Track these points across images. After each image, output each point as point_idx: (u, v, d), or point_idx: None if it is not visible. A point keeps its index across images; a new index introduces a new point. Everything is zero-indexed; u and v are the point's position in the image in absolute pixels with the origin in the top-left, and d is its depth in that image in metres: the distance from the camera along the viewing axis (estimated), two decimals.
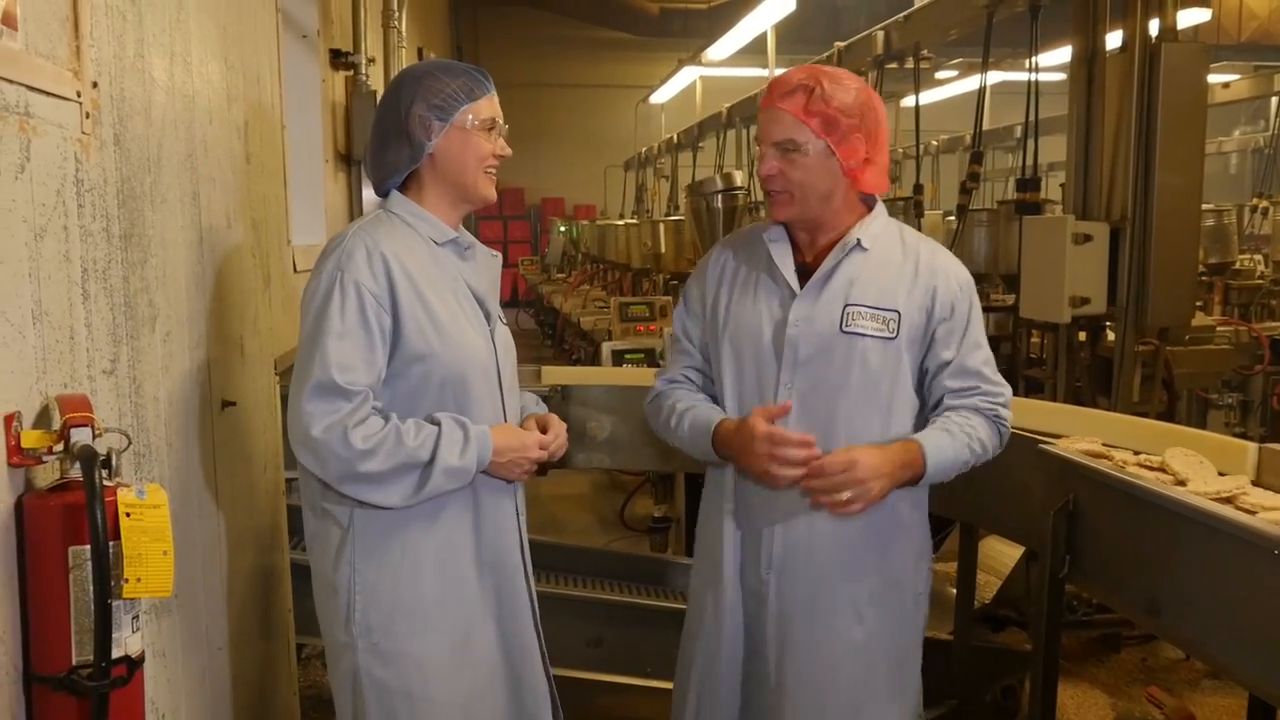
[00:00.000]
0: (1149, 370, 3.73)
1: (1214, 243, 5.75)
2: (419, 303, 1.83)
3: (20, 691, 1.33)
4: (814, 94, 1.92)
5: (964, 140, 12.44)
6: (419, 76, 1.91)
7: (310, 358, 1.76)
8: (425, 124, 1.87)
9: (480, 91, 1.92)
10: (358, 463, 1.73)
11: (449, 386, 1.86)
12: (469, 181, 1.93)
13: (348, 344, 1.76)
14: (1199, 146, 3.63)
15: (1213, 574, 1.90)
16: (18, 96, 1.33)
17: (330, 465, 1.75)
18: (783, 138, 1.95)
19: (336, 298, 1.77)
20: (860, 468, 1.85)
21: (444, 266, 1.92)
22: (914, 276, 2.00)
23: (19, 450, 1.30)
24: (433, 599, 1.88)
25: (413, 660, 1.86)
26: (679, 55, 12.15)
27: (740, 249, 2.13)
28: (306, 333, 1.80)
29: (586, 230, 11.51)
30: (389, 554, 1.85)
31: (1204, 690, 3.64)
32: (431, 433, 1.79)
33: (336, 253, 1.82)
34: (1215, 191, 11.99)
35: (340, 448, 1.72)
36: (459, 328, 1.88)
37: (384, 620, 1.85)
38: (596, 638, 3.30)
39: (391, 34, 4.93)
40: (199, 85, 2.10)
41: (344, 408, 1.74)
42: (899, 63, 5.73)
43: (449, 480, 1.81)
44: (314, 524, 1.91)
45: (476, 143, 1.91)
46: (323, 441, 1.73)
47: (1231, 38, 10.38)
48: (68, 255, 1.46)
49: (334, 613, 1.87)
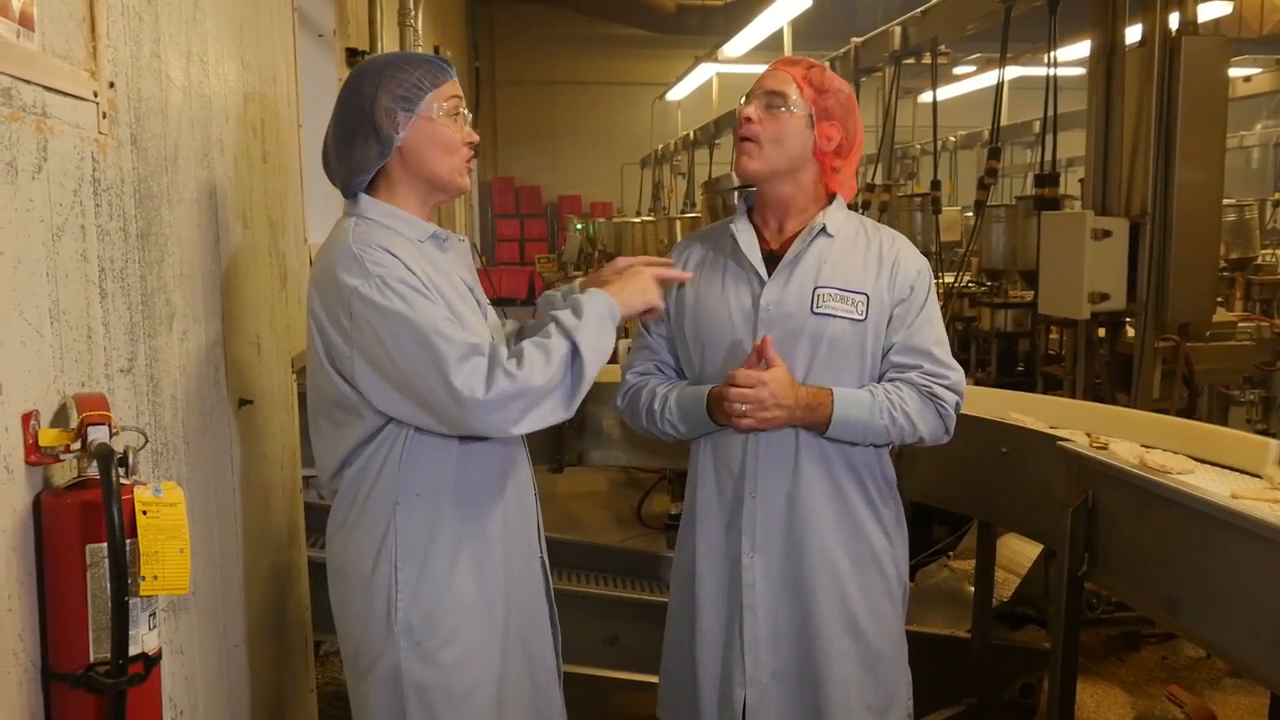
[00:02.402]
0: (1169, 366, 3.71)
1: (1235, 238, 5.70)
2: (444, 302, 1.78)
3: (39, 689, 1.33)
4: (813, 69, 2.03)
5: (982, 136, 12.36)
6: (380, 68, 1.84)
7: (425, 342, 1.66)
8: (392, 116, 1.80)
9: (443, 77, 1.85)
10: (529, 383, 1.67)
11: None
12: (441, 172, 1.86)
13: (439, 310, 1.70)
14: (1220, 141, 3.60)
15: (1233, 572, 1.89)
16: (35, 97, 1.34)
17: (513, 409, 1.67)
18: (775, 88, 2.01)
19: (392, 298, 1.69)
20: (765, 390, 1.91)
21: (435, 263, 1.86)
22: (878, 261, 2.04)
23: (37, 448, 1.31)
24: (471, 597, 1.85)
25: (454, 659, 1.84)
26: (695, 52, 12.12)
27: (705, 241, 2.18)
28: (388, 348, 1.69)
29: (603, 228, 11.50)
30: (431, 553, 1.82)
31: (1225, 689, 3.61)
32: (553, 325, 1.74)
33: (357, 267, 1.72)
34: (1236, 186, 11.89)
35: (509, 387, 1.65)
36: (476, 323, 1.86)
37: (426, 620, 1.81)
38: (613, 635, 3.30)
39: (408, 32, 4.93)
40: (215, 85, 2.10)
41: (481, 361, 1.67)
42: (916, 58, 5.72)
43: (599, 341, 1.74)
44: (347, 522, 1.85)
45: (445, 132, 1.84)
46: (495, 397, 1.66)
47: (1253, 31, 10.28)
48: (85, 254, 1.47)
49: (369, 613, 1.82)
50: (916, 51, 5.63)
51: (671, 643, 2.21)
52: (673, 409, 2.07)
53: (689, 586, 2.12)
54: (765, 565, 2.03)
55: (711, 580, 2.08)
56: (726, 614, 2.07)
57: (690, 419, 2.06)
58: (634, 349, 2.23)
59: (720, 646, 2.08)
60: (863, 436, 1.97)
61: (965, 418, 2.66)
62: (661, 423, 2.09)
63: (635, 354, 2.22)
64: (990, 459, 2.60)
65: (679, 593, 2.19)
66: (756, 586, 2.03)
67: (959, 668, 3.16)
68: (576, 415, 2.03)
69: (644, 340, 2.19)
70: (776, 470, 2.02)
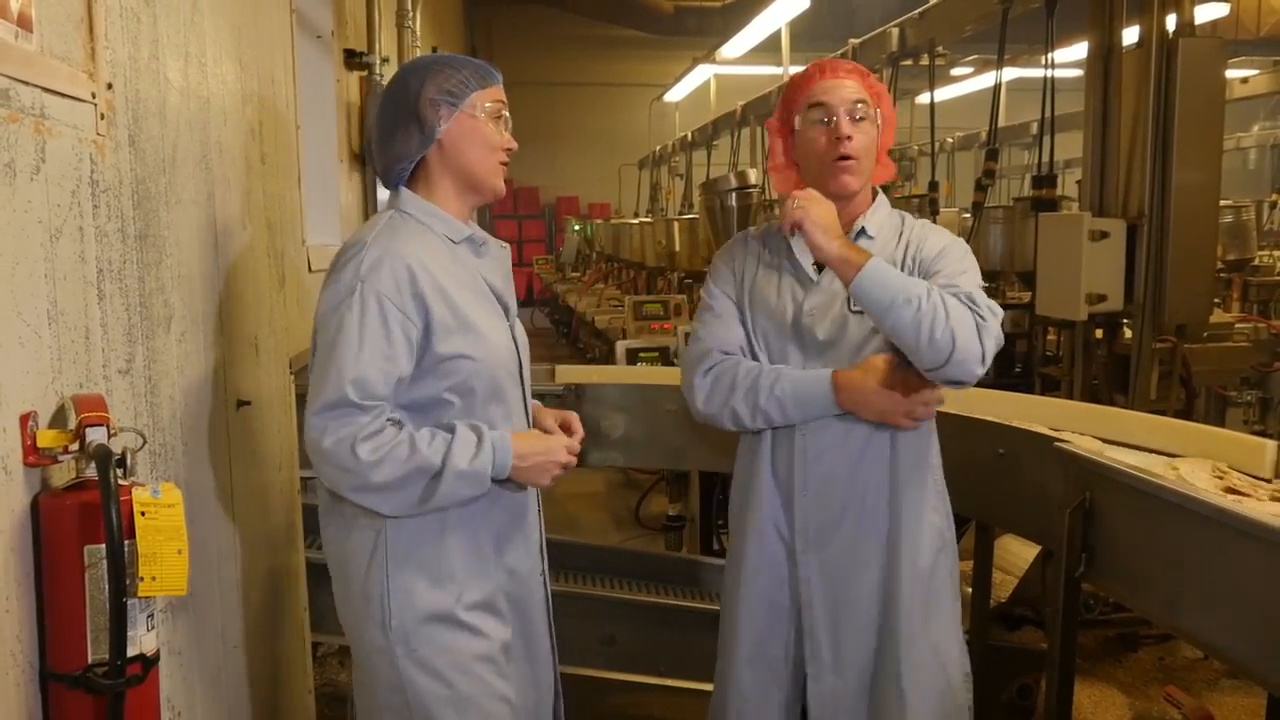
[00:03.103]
0: (1167, 368, 3.71)
1: (1232, 239, 5.71)
2: (447, 307, 1.79)
3: (37, 690, 1.34)
4: (869, 76, 2.09)
5: (979, 137, 12.39)
6: (428, 65, 1.88)
7: (325, 371, 1.73)
8: (435, 108, 1.83)
9: (490, 80, 1.88)
10: (368, 474, 1.70)
11: (481, 389, 1.84)
12: (479, 170, 1.88)
13: (365, 356, 1.72)
14: (1217, 142, 3.61)
15: (1231, 573, 1.89)
16: (33, 98, 1.34)
17: (340, 477, 1.73)
18: (858, 98, 2.02)
19: (355, 309, 1.73)
20: (812, 200, 1.94)
21: (464, 265, 1.88)
22: (905, 254, 2.06)
23: (35, 450, 1.31)
24: (466, 602, 1.85)
25: (450, 664, 1.83)
26: (693, 53, 12.13)
27: (764, 237, 2.20)
28: (323, 343, 1.76)
29: (601, 229, 11.52)
30: (423, 560, 1.82)
31: (1223, 690, 3.62)
32: (445, 439, 1.76)
33: (354, 262, 1.76)
34: (1234, 187, 11.89)
35: (349, 460, 1.70)
36: (488, 329, 1.86)
37: (419, 626, 1.81)
38: (610, 636, 3.30)
39: (406, 34, 4.94)
40: (213, 86, 2.10)
41: (358, 421, 1.71)
42: (914, 59, 5.72)
43: (461, 485, 1.76)
44: (340, 529, 1.87)
45: (487, 130, 1.87)
46: (333, 453, 1.70)
47: (1250, 32, 10.29)
48: (83, 256, 1.47)
49: (366, 619, 1.83)
50: (914, 53, 5.63)
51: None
52: (785, 386, 2.02)
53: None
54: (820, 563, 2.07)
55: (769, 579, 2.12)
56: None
57: (803, 399, 2.01)
58: (705, 318, 2.14)
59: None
60: (885, 292, 1.88)
61: (962, 419, 2.67)
62: (765, 399, 2.02)
63: (709, 325, 2.13)
64: (987, 460, 2.60)
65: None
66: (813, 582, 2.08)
67: None
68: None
69: (721, 306, 2.13)
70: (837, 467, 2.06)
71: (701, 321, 2.16)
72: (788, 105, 2.11)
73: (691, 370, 2.13)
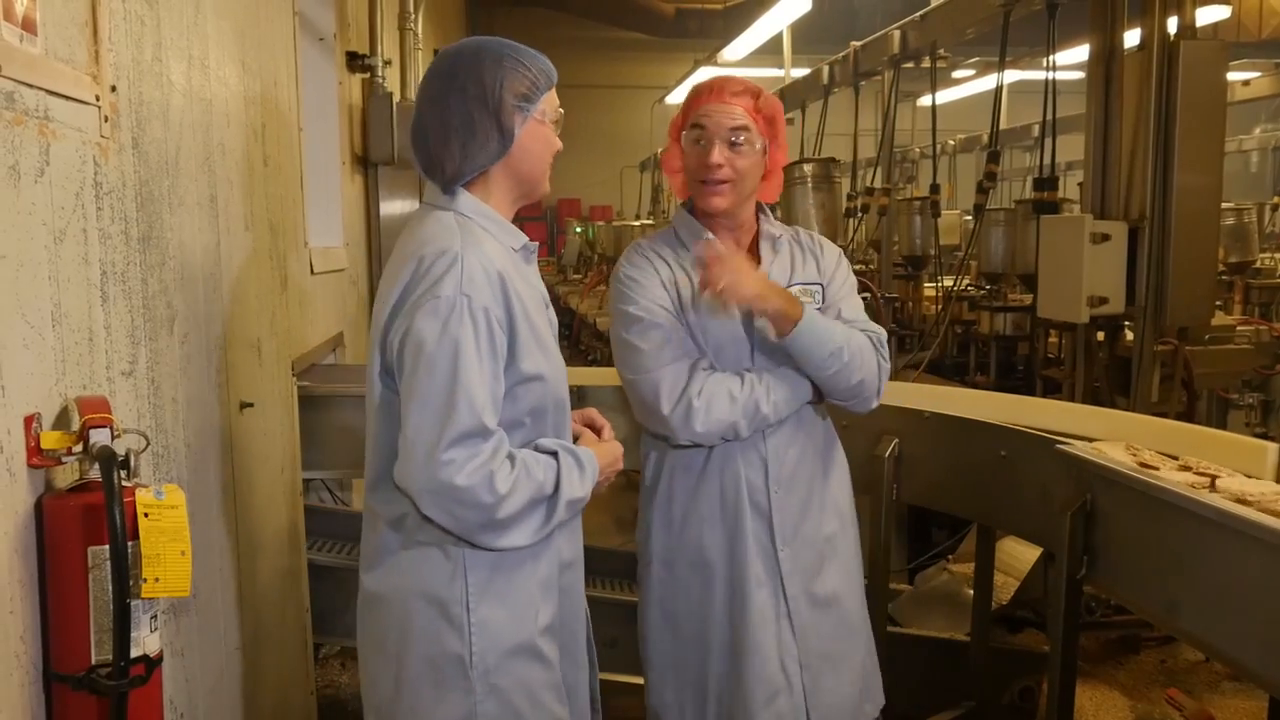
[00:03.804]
0: (1168, 370, 3.71)
1: (1234, 241, 5.72)
2: (527, 322, 1.67)
3: (40, 690, 1.34)
4: (760, 98, 2.10)
5: (981, 140, 12.38)
6: (501, 56, 1.70)
7: (451, 397, 1.54)
8: (516, 113, 1.68)
9: (553, 80, 1.76)
10: (500, 508, 1.57)
11: (553, 406, 1.75)
12: (539, 175, 1.76)
13: (487, 379, 1.58)
14: (1218, 145, 3.61)
15: (1233, 575, 1.89)
16: (37, 101, 1.35)
17: (472, 514, 1.57)
18: (737, 125, 2.05)
19: (469, 326, 1.56)
20: (738, 265, 1.97)
21: (526, 276, 1.75)
22: (808, 254, 2.21)
23: (39, 451, 1.31)
24: (540, 627, 1.74)
25: (524, 692, 1.71)
26: (695, 56, 12.15)
27: (667, 253, 2.16)
28: (439, 365, 1.56)
29: (602, 231, 11.51)
30: (507, 588, 1.69)
31: (1224, 692, 3.61)
32: (550, 464, 1.65)
33: (453, 272, 1.58)
34: (1235, 190, 11.91)
35: (486, 494, 1.55)
36: (555, 345, 1.77)
37: (501, 659, 1.68)
38: (613, 639, 3.30)
39: (408, 36, 4.95)
40: (216, 89, 2.11)
41: (485, 449, 1.56)
42: (916, 62, 5.73)
43: (570, 511, 1.68)
44: (401, 557, 1.68)
45: (550, 136, 1.76)
46: (470, 489, 1.54)
47: (1252, 35, 10.28)
48: (87, 258, 1.48)
49: (442, 654, 1.66)
50: (916, 55, 5.64)
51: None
52: (776, 388, 2.05)
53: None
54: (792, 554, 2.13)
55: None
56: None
57: (791, 394, 2.07)
58: (656, 342, 2.05)
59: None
60: (822, 347, 2.01)
61: (964, 421, 2.68)
62: (766, 406, 2.04)
63: (663, 348, 2.05)
64: (989, 462, 2.60)
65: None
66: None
67: (958, 671, 3.17)
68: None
69: (665, 323, 2.06)
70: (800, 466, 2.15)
71: (651, 341, 2.05)
72: (681, 117, 2.14)
73: (673, 395, 2.03)
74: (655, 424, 2.09)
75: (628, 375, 2.09)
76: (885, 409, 2.72)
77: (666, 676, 2.21)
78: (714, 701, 2.14)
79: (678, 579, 2.17)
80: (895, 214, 6.02)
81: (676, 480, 2.15)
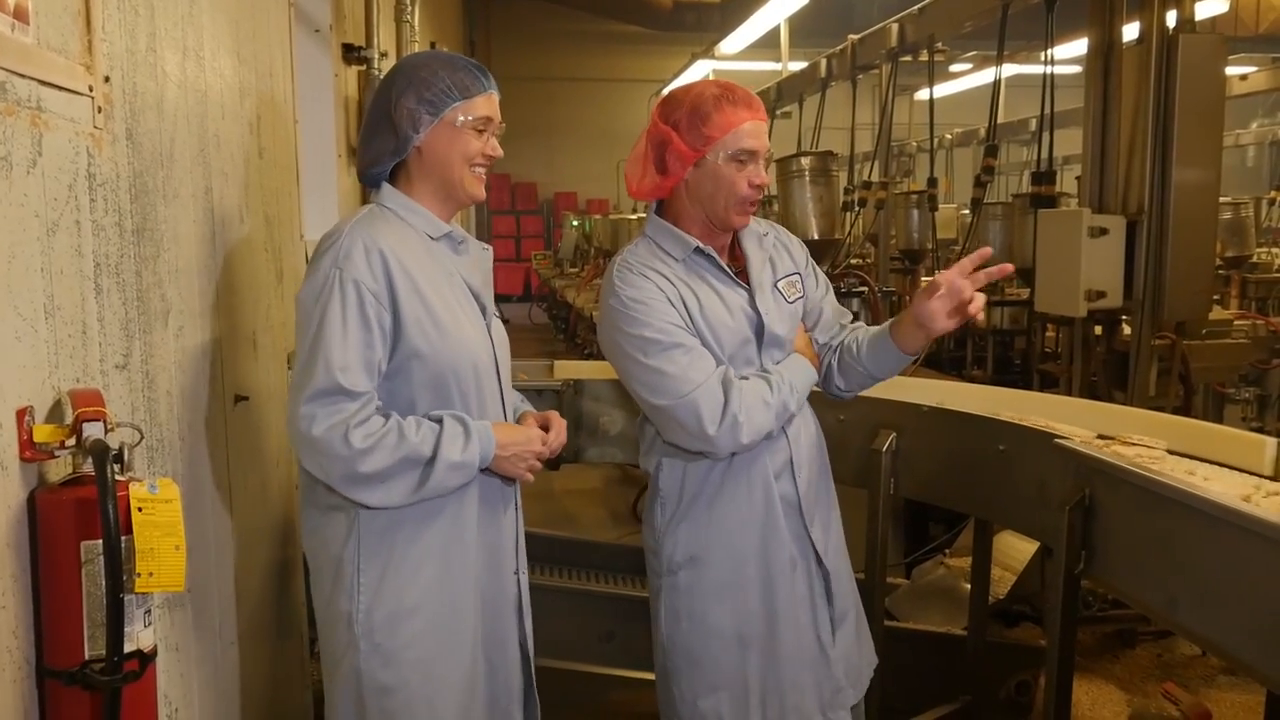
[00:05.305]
0: (1165, 364, 3.71)
1: (1231, 236, 5.72)
2: (418, 299, 1.81)
3: (33, 686, 1.33)
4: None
5: (978, 133, 12.39)
6: (414, 67, 1.90)
7: (313, 359, 1.73)
8: (414, 117, 1.86)
9: (476, 89, 1.88)
10: (358, 462, 1.71)
11: (449, 383, 1.85)
12: (454, 179, 1.91)
13: (351, 344, 1.74)
14: (1216, 139, 3.60)
15: (1231, 569, 1.88)
16: (29, 91, 1.33)
17: (332, 466, 1.73)
18: (767, 148, 2.09)
19: (336, 297, 1.74)
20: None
21: (440, 261, 1.90)
22: (778, 245, 2.26)
23: (31, 445, 1.30)
24: (435, 598, 1.86)
25: (414, 660, 1.84)
26: (692, 49, 12.13)
27: (661, 267, 2.09)
28: (307, 331, 1.76)
29: (599, 224, 11.49)
30: (393, 553, 1.83)
31: (1220, 686, 3.62)
32: (432, 429, 1.78)
33: (333, 250, 1.79)
34: (1233, 184, 11.91)
35: (341, 447, 1.70)
36: (457, 323, 1.87)
37: (387, 620, 1.82)
38: (609, 632, 3.30)
39: (404, 28, 4.93)
40: (211, 80, 2.09)
41: (348, 408, 1.72)
42: (913, 56, 5.72)
43: (451, 476, 1.79)
44: (316, 521, 1.88)
45: (465, 141, 1.88)
46: (324, 440, 1.71)
47: (1249, 29, 10.29)
48: (80, 250, 1.47)
49: (336, 612, 1.84)
50: (913, 49, 5.64)
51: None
52: (797, 383, 2.12)
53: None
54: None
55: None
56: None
57: (804, 387, 2.16)
58: (679, 358, 2.00)
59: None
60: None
61: (962, 415, 2.67)
62: (791, 403, 2.09)
63: (693, 360, 2.01)
64: (987, 456, 2.59)
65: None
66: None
67: (955, 665, 3.17)
68: (572, 413, 2.03)
69: (686, 342, 2.02)
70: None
71: (677, 364, 2.00)
72: (706, 133, 2.02)
73: (714, 416, 1.98)
74: (698, 445, 2.04)
75: (657, 401, 2.02)
76: (883, 403, 2.72)
77: (698, 681, 2.16)
78: (755, 695, 2.13)
79: (707, 579, 2.13)
80: (892, 208, 6.02)
81: (701, 484, 2.13)
